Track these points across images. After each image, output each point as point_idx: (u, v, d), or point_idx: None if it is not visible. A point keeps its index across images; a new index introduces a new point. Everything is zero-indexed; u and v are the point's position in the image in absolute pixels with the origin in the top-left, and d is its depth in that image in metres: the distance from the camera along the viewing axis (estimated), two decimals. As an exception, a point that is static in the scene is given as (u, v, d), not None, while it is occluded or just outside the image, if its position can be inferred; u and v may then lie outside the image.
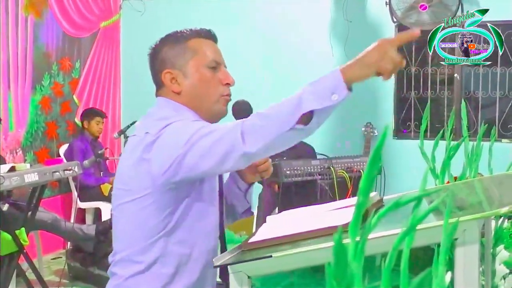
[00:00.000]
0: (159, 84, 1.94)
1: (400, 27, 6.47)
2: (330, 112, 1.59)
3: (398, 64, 1.57)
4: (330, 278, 0.47)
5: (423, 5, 6.05)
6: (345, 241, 0.80)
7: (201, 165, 1.67)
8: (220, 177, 2.04)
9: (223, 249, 2.00)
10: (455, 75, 6.54)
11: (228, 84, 1.94)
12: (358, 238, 0.80)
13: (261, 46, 6.90)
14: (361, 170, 5.16)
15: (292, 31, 6.81)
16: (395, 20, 6.36)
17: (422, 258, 1.38)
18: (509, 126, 6.45)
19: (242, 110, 2.01)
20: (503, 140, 6.31)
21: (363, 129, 6.51)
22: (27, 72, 5.85)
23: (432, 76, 6.64)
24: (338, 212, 1.51)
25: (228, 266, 1.28)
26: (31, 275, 4.47)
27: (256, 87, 6.83)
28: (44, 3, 6.07)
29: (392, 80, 6.62)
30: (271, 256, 1.21)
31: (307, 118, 1.56)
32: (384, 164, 5.71)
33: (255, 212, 5.57)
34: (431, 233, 1.16)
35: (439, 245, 0.90)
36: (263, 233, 1.42)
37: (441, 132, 2.16)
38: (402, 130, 6.73)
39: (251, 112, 1.97)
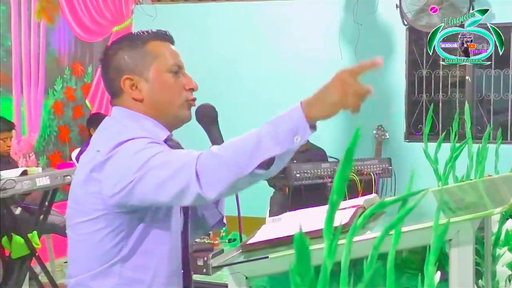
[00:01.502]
0: (115, 92, 1.78)
1: (411, 30, 6.46)
2: (292, 153, 1.49)
3: (364, 95, 1.45)
4: (293, 274, 0.48)
5: (434, 7, 6.05)
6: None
7: (156, 197, 1.58)
8: None
9: (186, 270, 1.86)
10: (467, 77, 6.51)
11: (192, 89, 1.79)
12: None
13: (270, 50, 6.91)
14: (371, 173, 5.16)
15: (301, 34, 6.82)
16: (405, 22, 6.36)
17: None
18: (521, 129, 6.42)
19: (206, 114, 1.88)
20: (515, 142, 6.27)
21: (374, 132, 6.50)
22: (40, 77, 5.90)
23: (444, 79, 6.62)
24: (337, 213, 1.52)
25: (227, 267, 1.29)
26: (43, 278, 4.51)
27: (265, 91, 6.85)
28: (56, 9, 6.12)
29: (403, 83, 6.62)
30: (267, 257, 1.23)
31: (268, 161, 1.46)
32: (395, 167, 5.72)
33: (267, 214, 5.59)
34: (427, 234, 1.16)
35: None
36: (262, 234, 1.44)
37: (443, 134, 2.16)
38: (413, 132, 6.71)
39: (215, 116, 1.89)
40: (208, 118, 1.86)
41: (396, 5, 6.29)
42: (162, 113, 1.75)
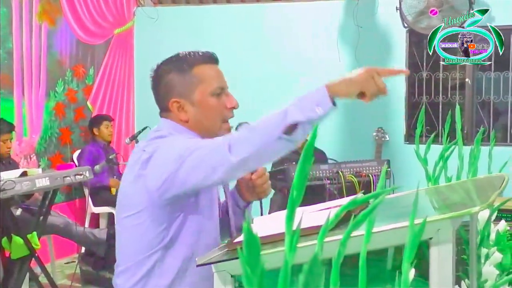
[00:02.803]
0: (163, 108, 1.98)
1: (411, 32, 6.48)
2: (314, 124, 1.63)
3: (381, 91, 1.69)
4: (244, 264, 0.50)
5: (434, 10, 6.06)
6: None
7: (191, 178, 1.74)
8: (226, 192, 2.14)
9: None
10: (467, 79, 6.52)
11: (233, 108, 1.98)
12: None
13: (271, 51, 6.93)
14: (369, 175, 5.17)
15: (302, 36, 6.84)
16: (405, 25, 6.38)
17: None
18: (521, 131, 6.42)
19: None
20: (515, 144, 6.28)
21: (374, 134, 6.51)
22: (41, 79, 5.94)
23: (444, 81, 6.62)
24: (324, 213, 1.54)
25: (212, 265, 1.31)
26: (44, 279, 4.53)
27: (266, 92, 6.87)
28: (58, 11, 6.16)
29: (403, 85, 6.63)
30: (251, 255, 1.25)
31: (292, 129, 1.63)
32: (395, 168, 5.73)
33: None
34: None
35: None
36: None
37: (432, 136, 2.18)
38: (413, 135, 6.72)
39: None
40: None
41: (396, 7, 6.31)
42: (204, 133, 1.93)
